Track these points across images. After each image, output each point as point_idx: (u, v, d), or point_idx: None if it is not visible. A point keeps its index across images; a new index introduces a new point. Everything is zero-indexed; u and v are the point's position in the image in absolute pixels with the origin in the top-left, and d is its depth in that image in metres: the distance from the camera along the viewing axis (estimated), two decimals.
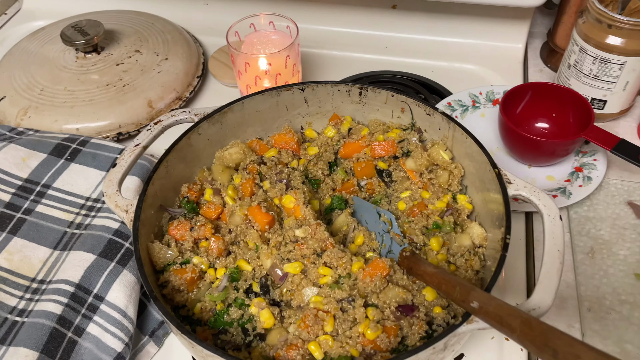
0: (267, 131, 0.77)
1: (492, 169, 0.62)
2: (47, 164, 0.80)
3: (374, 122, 0.75)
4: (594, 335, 0.67)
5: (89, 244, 0.69)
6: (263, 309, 0.57)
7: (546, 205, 0.58)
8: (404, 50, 1.08)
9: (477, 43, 1.07)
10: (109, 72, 0.98)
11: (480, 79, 1.03)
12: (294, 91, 0.74)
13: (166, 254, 0.61)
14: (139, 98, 0.94)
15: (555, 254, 0.54)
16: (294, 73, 0.92)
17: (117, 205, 0.61)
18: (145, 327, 0.69)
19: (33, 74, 0.98)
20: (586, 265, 0.74)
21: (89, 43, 0.97)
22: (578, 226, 0.78)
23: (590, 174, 0.82)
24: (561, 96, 0.85)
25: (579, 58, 0.86)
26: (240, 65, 0.89)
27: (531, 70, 1.04)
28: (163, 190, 0.67)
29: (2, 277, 0.69)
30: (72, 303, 0.64)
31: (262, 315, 0.57)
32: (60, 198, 0.77)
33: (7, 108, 0.94)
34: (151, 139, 0.69)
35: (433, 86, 1.01)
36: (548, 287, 0.52)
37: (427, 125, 0.72)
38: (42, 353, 0.60)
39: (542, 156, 0.82)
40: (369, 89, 0.73)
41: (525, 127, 0.88)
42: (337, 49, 1.10)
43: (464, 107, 0.93)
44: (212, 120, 0.71)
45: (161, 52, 1.02)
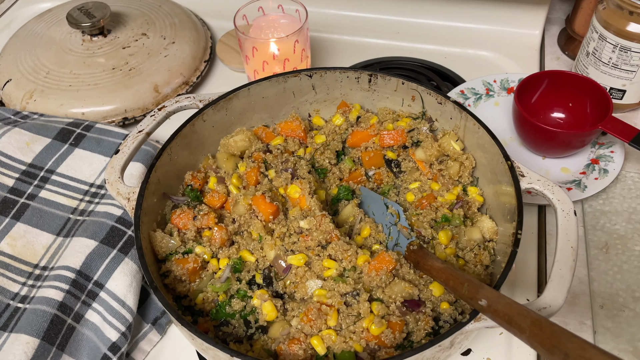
0: (273, 118, 0.75)
1: (504, 161, 0.60)
2: (51, 148, 0.79)
3: (383, 110, 0.73)
4: (606, 332, 0.65)
5: (91, 230, 0.68)
6: (265, 301, 0.56)
7: (560, 199, 0.56)
8: (416, 35, 1.05)
9: (493, 29, 1.03)
10: (115, 55, 0.96)
11: (495, 66, 1.00)
12: (301, 77, 0.72)
13: (168, 243, 0.60)
14: (145, 82, 0.93)
15: (569, 251, 0.52)
16: (302, 58, 0.89)
17: (119, 192, 0.60)
18: (147, 315, 0.68)
19: (39, 57, 0.97)
20: (600, 261, 0.72)
21: (95, 26, 0.95)
22: (592, 220, 0.76)
23: (607, 166, 0.79)
24: (579, 85, 0.82)
25: (598, 46, 0.83)
26: (248, 50, 0.87)
27: (548, 58, 1.01)
28: (166, 177, 0.65)
29: (5, 263, 0.68)
30: (72, 289, 0.64)
31: (265, 307, 0.56)
32: (64, 184, 0.76)
33: (12, 91, 0.93)
34: (155, 125, 0.67)
35: (446, 73, 0.98)
36: (560, 285, 0.50)
37: (439, 114, 0.70)
38: (42, 340, 0.60)
39: (557, 147, 0.80)
40: (379, 76, 0.71)
41: (540, 117, 0.85)
42: (347, 33, 1.07)
43: (477, 96, 0.91)
44: (217, 107, 0.69)
45: (168, 36, 1.00)
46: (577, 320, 0.67)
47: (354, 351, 0.52)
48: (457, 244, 0.62)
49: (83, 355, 0.62)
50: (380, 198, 0.66)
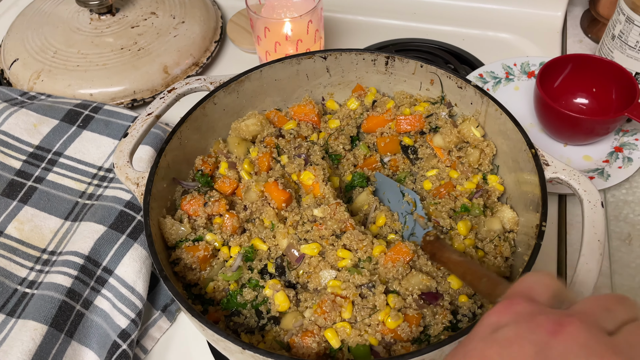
0: (286, 102, 0.73)
1: (528, 149, 0.57)
2: (59, 130, 0.77)
3: (400, 94, 0.71)
4: None
5: (100, 214, 0.67)
6: (278, 291, 0.54)
7: (587, 190, 0.54)
8: (433, 16, 1.02)
9: (513, 10, 1.00)
10: (124, 35, 0.94)
11: (515, 49, 0.96)
12: (315, 59, 0.69)
13: (178, 230, 0.58)
14: (154, 63, 0.90)
15: (596, 244, 0.50)
16: (316, 39, 0.87)
17: (127, 177, 0.58)
18: (157, 302, 0.67)
19: (46, 36, 0.94)
20: (622, 253, 0.70)
21: (103, 4, 0.93)
22: (615, 210, 0.73)
23: (631, 154, 0.76)
24: (603, 70, 0.79)
25: (625, 29, 0.79)
26: (260, 30, 0.84)
27: (570, 41, 0.97)
28: (176, 162, 0.63)
29: (13, 247, 0.67)
30: (81, 275, 0.62)
31: (277, 297, 0.54)
32: (72, 167, 0.74)
33: (19, 71, 0.91)
34: (164, 107, 0.65)
35: (464, 56, 0.95)
36: (586, 280, 0.48)
37: (458, 99, 0.67)
38: (50, 326, 0.59)
39: (579, 134, 0.77)
40: (396, 58, 0.68)
41: (563, 102, 0.82)
42: (362, 14, 1.04)
43: (497, 80, 0.87)
44: (229, 89, 0.67)
45: (178, 15, 0.98)
46: None
47: (368, 344, 0.51)
48: (477, 234, 0.60)
49: (92, 342, 0.61)
50: (396, 185, 0.64)
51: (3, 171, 0.73)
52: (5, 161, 0.74)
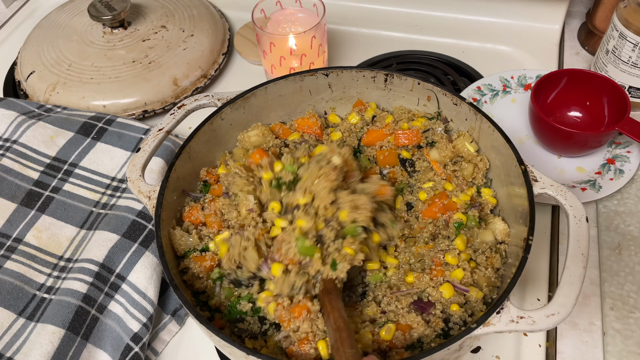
0: (290, 116, 0.76)
1: (518, 165, 0.60)
2: (75, 142, 0.81)
3: (399, 110, 0.74)
4: (616, 334, 0.66)
5: (113, 224, 0.71)
6: (269, 303, 0.57)
7: (573, 205, 0.57)
8: (434, 29, 1.05)
9: (511, 23, 1.03)
10: (135, 48, 0.97)
11: (513, 60, 0.99)
12: (318, 76, 0.73)
13: (187, 241, 0.62)
14: (165, 75, 0.94)
15: (579, 257, 0.53)
16: (319, 53, 0.90)
17: (140, 191, 0.62)
18: (167, 306, 0.71)
19: (61, 49, 0.98)
20: (612, 262, 0.72)
21: (115, 18, 0.97)
22: (606, 221, 0.76)
23: (623, 166, 0.79)
24: (597, 84, 0.81)
25: (618, 44, 0.82)
26: (266, 44, 0.88)
27: (567, 53, 1.00)
28: (185, 175, 0.67)
29: (32, 255, 0.71)
30: (96, 282, 0.66)
31: (270, 309, 0.57)
32: (87, 177, 0.78)
33: (36, 83, 0.95)
34: (174, 123, 0.69)
35: (463, 68, 0.98)
36: (569, 292, 0.51)
37: (454, 115, 0.70)
38: (68, 330, 0.63)
39: (573, 147, 0.80)
40: (395, 76, 0.71)
41: (557, 115, 0.85)
42: (365, 26, 1.07)
43: (494, 92, 0.90)
44: (235, 105, 0.70)
45: (187, 28, 1.01)
46: (587, 321, 0.68)
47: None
48: (471, 246, 0.63)
49: (106, 344, 0.65)
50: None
51: (22, 181, 0.77)
52: (24, 172, 0.78)
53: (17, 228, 0.73)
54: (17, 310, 0.66)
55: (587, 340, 0.66)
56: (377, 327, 0.55)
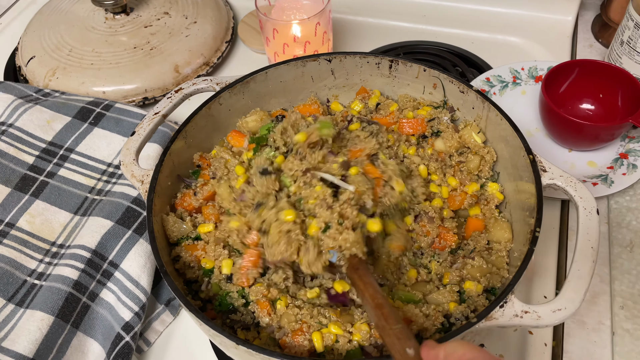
0: (291, 103, 0.74)
1: (526, 155, 0.58)
2: (71, 127, 0.79)
3: (403, 98, 0.71)
4: (625, 334, 0.64)
5: (107, 210, 0.69)
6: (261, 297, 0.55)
7: (582, 197, 0.54)
8: (443, 19, 1.02)
9: (523, 14, 1.00)
10: (137, 34, 0.96)
11: (524, 52, 0.96)
12: (320, 62, 0.70)
13: (180, 227, 0.60)
14: (166, 62, 0.92)
15: (589, 251, 0.50)
16: (324, 41, 0.88)
17: (133, 175, 0.60)
18: (161, 296, 0.69)
19: (62, 34, 0.97)
20: (623, 259, 0.70)
21: (117, 3, 0.95)
22: (618, 217, 0.73)
23: (636, 161, 0.76)
24: (610, 75, 0.78)
25: (634, 35, 0.79)
26: (269, 31, 0.86)
27: (580, 45, 0.97)
28: (182, 161, 0.65)
29: (24, 240, 0.69)
30: (87, 269, 0.64)
31: (261, 305, 0.55)
32: (82, 163, 0.76)
33: (36, 68, 0.94)
34: (171, 107, 0.67)
35: (472, 59, 0.95)
36: (577, 287, 0.48)
37: (460, 103, 0.68)
38: (57, 317, 0.61)
39: (584, 140, 0.77)
40: (400, 62, 0.69)
41: (569, 107, 0.82)
42: (372, 15, 1.04)
43: (504, 84, 0.88)
44: (234, 90, 0.68)
45: (190, 15, 0.99)
46: (596, 320, 0.65)
47: (359, 347, 0.51)
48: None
49: (97, 333, 0.63)
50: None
51: (16, 166, 0.75)
52: (19, 156, 0.76)
53: (10, 213, 0.72)
54: (7, 296, 0.64)
55: (596, 339, 0.64)
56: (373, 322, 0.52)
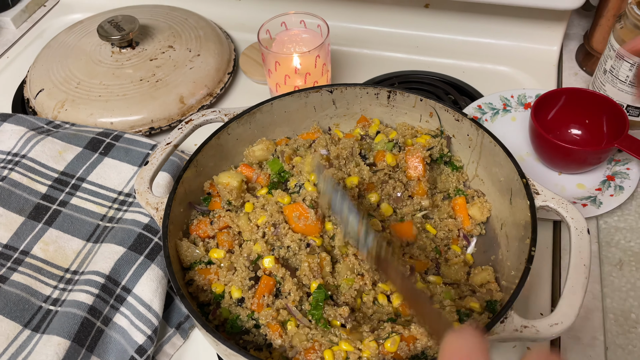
0: (295, 132, 0.78)
1: (520, 179, 0.61)
2: (82, 157, 0.82)
3: (402, 126, 0.75)
4: (617, 349, 0.67)
5: (120, 237, 0.72)
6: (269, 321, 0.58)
7: (574, 218, 0.58)
8: (435, 50, 1.07)
9: (511, 44, 1.05)
10: (143, 67, 1.00)
11: (513, 81, 1.01)
12: (322, 93, 0.74)
13: (193, 252, 0.63)
14: (171, 94, 0.96)
15: (581, 268, 0.54)
16: (323, 72, 0.92)
17: (147, 202, 0.63)
18: (171, 320, 0.71)
19: (70, 68, 1.01)
20: (613, 277, 0.73)
21: (124, 38, 0.99)
22: (607, 237, 0.77)
23: (623, 183, 0.80)
24: (595, 102, 0.83)
25: (615, 64, 0.84)
26: (271, 63, 0.90)
27: (565, 74, 1.02)
28: (192, 188, 0.68)
29: (38, 267, 0.72)
30: (102, 294, 0.67)
31: (271, 327, 0.58)
32: (94, 191, 0.79)
33: (45, 100, 0.97)
34: (182, 137, 0.70)
35: (464, 87, 1.00)
36: (572, 302, 0.51)
37: (456, 131, 0.72)
38: (73, 342, 0.63)
39: (573, 164, 0.81)
40: (398, 92, 0.73)
41: (557, 133, 0.86)
42: (367, 47, 1.09)
43: (495, 111, 0.92)
44: (242, 121, 0.72)
45: (194, 48, 1.04)
46: (590, 336, 0.68)
47: None
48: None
49: (111, 356, 0.65)
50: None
51: (30, 195, 0.78)
52: (32, 186, 0.79)
53: (24, 241, 0.74)
54: (23, 322, 0.66)
55: (591, 354, 0.67)
56: (381, 339, 0.55)
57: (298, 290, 0.59)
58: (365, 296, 0.61)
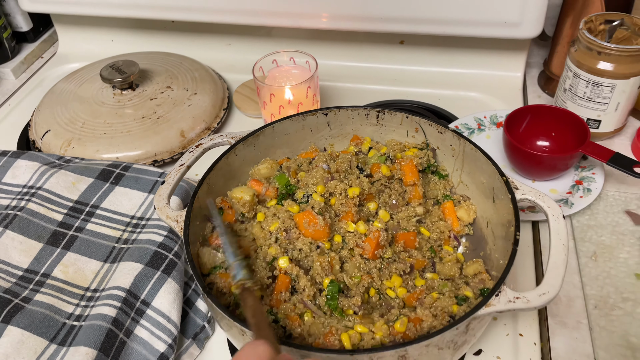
0: (294, 152, 0.85)
1: (500, 177, 0.70)
2: (95, 187, 0.87)
3: (391, 142, 0.83)
4: (601, 330, 0.73)
5: (137, 255, 0.76)
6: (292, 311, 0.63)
7: (550, 206, 0.66)
8: (412, 81, 1.18)
9: (480, 73, 1.16)
10: (144, 106, 1.07)
11: (484, 105, 1.12)
12: (318, 116, 0.83)
13: (215, 257, 0.68)
14: (172, 129, 1.03)
15: (561, 247, 0.61)
16: (314, 102, 1.01)
17: (168, 216, 0.69)
18: (188, 331, 0.75)
19: (75, 110, 1.07)
20: (590, 268, 0.81)
21: (125, 81, 1.06)
22: (581, 233, 0.85)
23: (590, 186, 0.89)
24: (559, 117, 0.93)
25: (573, 83, 0.95)
26: (266, 96, 0.98)
27: (530, 97, 1.13)
28: (204, 204, 0.74)
29: (59, 287, 0.76)
30: (124, 307, 0.71)
31: (291, 319, 0.63)
32: (108, 217, 0.84)
33: (51, 140, 1.03)
34: (193, 159, 0.77)
35: (441, 112, 1.10)
36: (556, 274, 0.58)
37: (440, 142, 0.80)
38: (100, 351, 0.66)
39: (544, 170, 0.90)
40: (386, 112, 0.82)
41: (528, 145, 0.96)
42: (351, 81, 1.19)
43: (470, 130, 1.02)
44: (247, 143, 0.79)
45: (190, 88, 1.12)
46: (575, 320, 0.75)
47: (380, 343, 0.60)
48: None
49: None
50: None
51: (47, 223, 0.82)
52: (49, 215, 0.83)
53: (44, 265, 0.78)
54: (49, 337, 0.70)
55: (577, 336, 0.73)
56: (391, 321, 0.61)
57: (312, 286, 0.65)
58: (373, 291, 0.67)
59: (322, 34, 1.20)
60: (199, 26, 1.27)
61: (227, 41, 1.29)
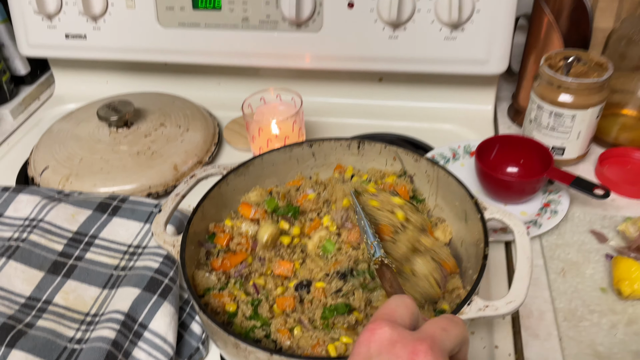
0: (281, 182, 0.91)
1: (470, 199, 0.76)
2: (93, 218, 0.92)
3: (372, 170, 0.90)
4: (570, 340, 0.79)
5: (134, 280, 0.81)
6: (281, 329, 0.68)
7: (515, 224, 0.72)
8: (390, 115, 1.26)
9: (454, 106, 1.25)
10: (139, 142, 1.13)
11: (458, 136, 1.19)
12: (303, 147, 0.89)
13: (208, 279, 0.73)
14: (166, 163, 1.09)
15: (526, 260, 0.67)
16: (299, 136, 1.08)
17: (165, 241, 0.74)
18: (183, 353, 0.79)
19: (72, 147, 1.13)
20: (559, 283, 0.87)
21: (121, 119, 1.13)
22: (550, 252, 0.92)
23: (557, 208, 0.96)
24: (526, 145, 1.01)
25: (538, 114, 1.03)
26: (254, 130, 1.05)
27: (501, 127, 1.22)
28: (198, 230, 0.80)
29: (61, 313, 0.80)
30: (122, 329, 0.75)
31: (281, 332, 0.68)
32: (106, 246, 0.89)
33: (50, 176, 1.08)
34: (188, 189, 0.83)
35: (418, 143, 1.17)
36: (521, 285, 0.64)
37: (416, 169, 0.87)
38: None
39: (513, 194, 0.97)
40: (366, 142, 0.89)
41: (498, 172, 1.03)
42: (334, 116, 1.27)
43: (446, 159, 1.09)
44: (238, 173, 0.85)
45: (182, 125, 1.18)
46: (546, 332, 0.80)
47: None
48: None
49: None
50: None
51: (48, 253, 0.87)
52: (50, 245, 0.88)
53: (45, 292, 0.82)
54: (52, 359, 0.73)
55: (548, 346, 0.78)
56: None
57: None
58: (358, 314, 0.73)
59: (306, 73, 1.29)
60: (190, 67, 1.35)
61: (217, 81, 1.36)
